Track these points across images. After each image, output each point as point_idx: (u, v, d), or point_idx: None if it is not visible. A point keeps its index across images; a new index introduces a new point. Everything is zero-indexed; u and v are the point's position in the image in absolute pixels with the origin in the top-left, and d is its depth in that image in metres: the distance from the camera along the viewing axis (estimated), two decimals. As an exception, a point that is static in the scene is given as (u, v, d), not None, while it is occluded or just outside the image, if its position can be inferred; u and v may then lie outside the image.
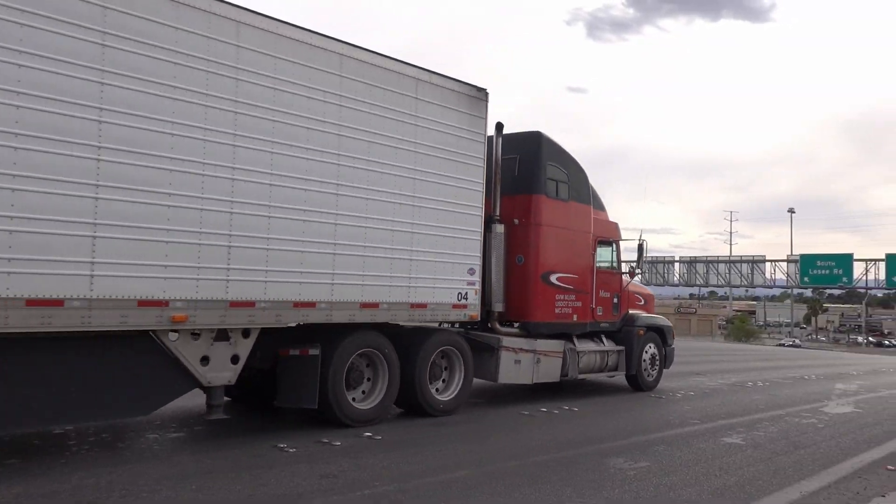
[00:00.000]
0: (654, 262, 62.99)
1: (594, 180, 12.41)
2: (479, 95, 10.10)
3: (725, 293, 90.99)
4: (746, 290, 76.93)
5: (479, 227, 10.08)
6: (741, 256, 62.01)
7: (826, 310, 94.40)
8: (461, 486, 6.20)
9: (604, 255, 12.63)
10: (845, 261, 58.87)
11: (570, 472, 6.81)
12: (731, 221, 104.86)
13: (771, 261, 59.60)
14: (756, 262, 59.44)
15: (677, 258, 64.36)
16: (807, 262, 55.96)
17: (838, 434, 9.73)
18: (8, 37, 5.82)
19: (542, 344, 11.16)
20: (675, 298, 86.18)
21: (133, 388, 6.79)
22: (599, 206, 12.71)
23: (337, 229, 8.29)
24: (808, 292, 79.12)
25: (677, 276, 62.78)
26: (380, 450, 7.43)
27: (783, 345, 56.22)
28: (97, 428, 7.71)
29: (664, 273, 63.03)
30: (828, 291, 78.62)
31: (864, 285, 61.45)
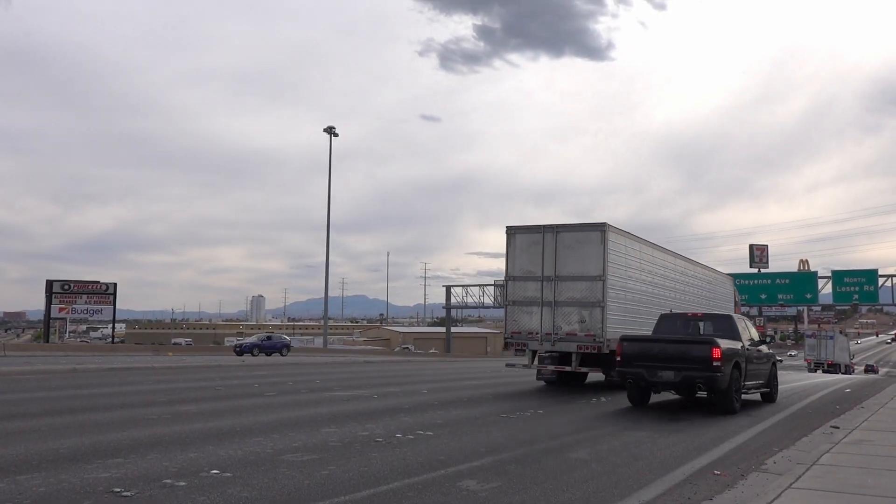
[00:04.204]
0: (497, 284, 66.72)
1: (445, 207, 16.60)
2: (729, 277, 34.97)
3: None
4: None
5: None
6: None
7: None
8: (312, 519, 6.00)
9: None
10: (677, 281, 64.05)
11: (422, 498, 6.79)
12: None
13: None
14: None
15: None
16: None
17: (672, 443, 10.40)
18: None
19: None
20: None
21: None
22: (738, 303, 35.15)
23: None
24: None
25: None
26: (220, 485, 7.05)
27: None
28: None
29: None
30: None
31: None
